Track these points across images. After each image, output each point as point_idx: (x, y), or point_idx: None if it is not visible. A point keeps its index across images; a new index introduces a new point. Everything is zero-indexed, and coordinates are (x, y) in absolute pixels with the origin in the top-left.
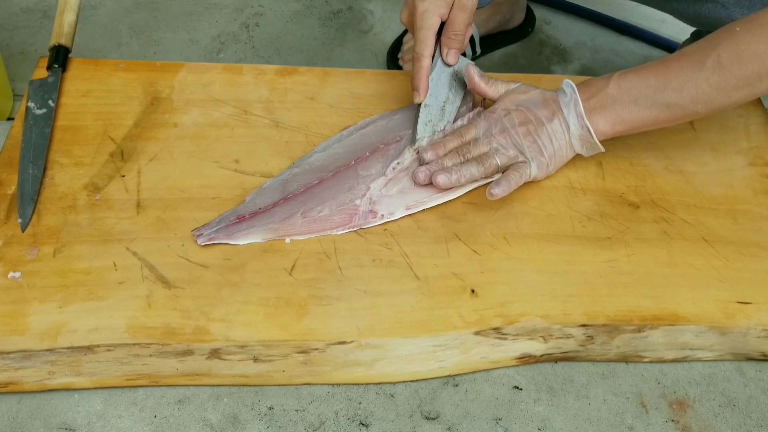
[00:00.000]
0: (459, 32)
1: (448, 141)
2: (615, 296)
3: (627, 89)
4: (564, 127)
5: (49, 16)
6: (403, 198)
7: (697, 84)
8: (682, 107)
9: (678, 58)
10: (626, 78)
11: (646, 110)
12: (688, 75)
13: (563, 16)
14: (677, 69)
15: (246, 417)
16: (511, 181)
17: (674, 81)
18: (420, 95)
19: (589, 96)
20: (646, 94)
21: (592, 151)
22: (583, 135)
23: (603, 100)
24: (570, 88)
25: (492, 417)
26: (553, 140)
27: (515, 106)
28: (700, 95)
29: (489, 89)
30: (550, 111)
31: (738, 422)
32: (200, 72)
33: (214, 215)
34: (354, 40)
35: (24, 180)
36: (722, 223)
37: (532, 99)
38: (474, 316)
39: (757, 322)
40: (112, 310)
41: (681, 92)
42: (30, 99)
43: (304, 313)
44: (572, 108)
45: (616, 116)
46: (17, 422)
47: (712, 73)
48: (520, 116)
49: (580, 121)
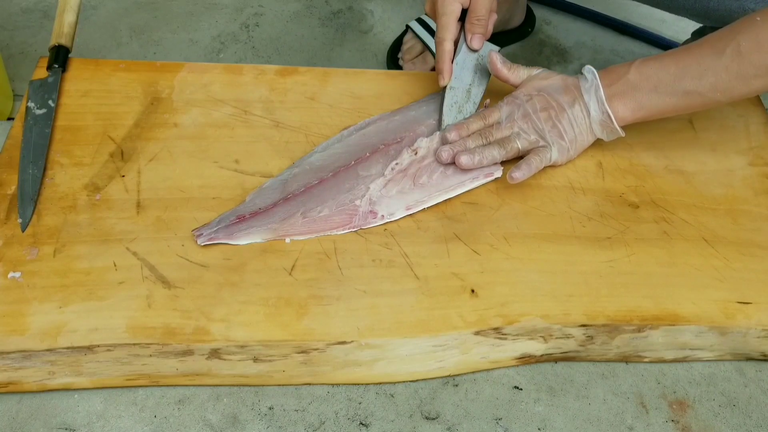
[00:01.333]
0: (481, 17)
1: (471, 122)
2: (615, 296)
3: (647, 76)
4: (584, 113)
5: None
6: (402, 198)
7: (717, 72)
8: (701, 95)
9: (698, 46)
10: (647, 65)
11: (666, 97)
12: (708, 63)
13: (563, 16)
14: (697, 57)
15: (246, 417)
16: (532, 164)
17: (694, 68)
18: (444, 78)
19: (610, 82)
20: (666, 81)
21: (613, 136)
22: (603, 120)
23: (623, 86)
24: (591, 74)
25: (492, 417)
26: (574, 125)
27: (537, 92)
28: (719, 83)
29: (511, 75)
30: (571, 97)
31: (738, 422)
32: (200, 72)
33: (214, 215)
34: (354, 40)
35: (24, 180)
36: (722, 223)
37: (553, 85)
38: (474, 316)
39: (757, 322)
40: (112, 310)
41: (700, 80)
42: (30, 99)
43: (304, 313)
44: (593, 93)
45: (636, 103)
46: (17, 422)
47: (731, 61)
48: (541, 102)
49: (601, 107)
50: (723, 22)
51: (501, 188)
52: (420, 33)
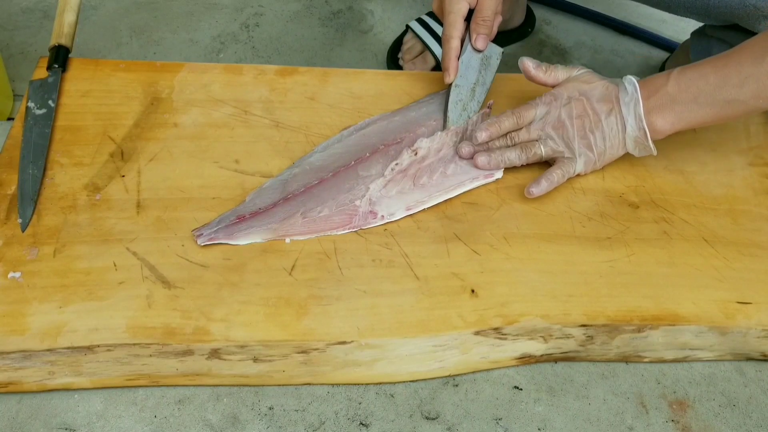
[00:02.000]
0: (487, 18)
1: (503, 120)
2: (615, 296)
3: (686, 87)
4: (620, 126)
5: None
6: (402, 198)
7: (758, 78)
8: (743, 103)
9: (737, 53)
10: (685, 75)
11: (707, 108)
12: (749, 70)
13: (563, 16)
14: (736, 64)
15: (246, 417)
16: (553, 180)
17: (734, 77)
18: (450, 75)
19: (649, 94)
20: (705, 92)
21: (644, 153)
22: (638, 137)
23: (662, 99)
24: (632, 86)
25: (492, 417)
26: (606, 139)
27: (577, 95)
28: (761, 90)
29: (547, 78)
30: (608, 107)
31: (738, 422)
32: (200, 72)
33: (214, 215)
34: (354, 40)
35: (24, 180)
36: (722, 223)
37: (593, 91)
38: (474, 316)
39: (757, 322)
40: (112, 310)
41: (741, 88)
42: (30, 99)
43: (304, 313)
44: (632, 108)
45: (675, 116)
46: (17, 422)
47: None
48: (579, 108)
49: (638, 123)
50: (724, 20)
51: (501, 188)
52: (420, 33)
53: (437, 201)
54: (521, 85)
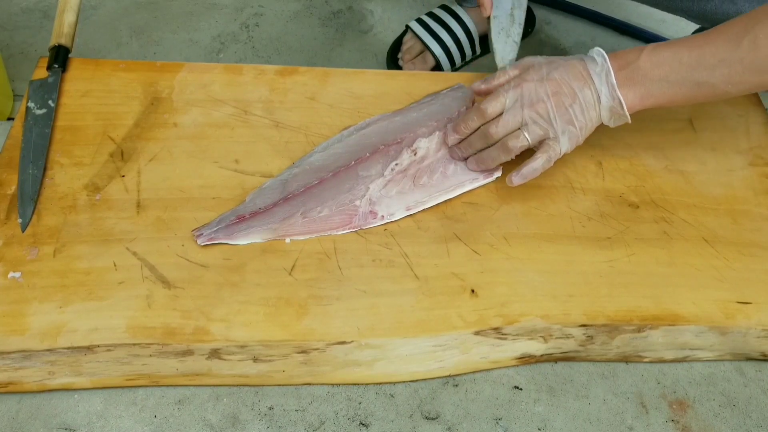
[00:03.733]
0: None
1: (469, 120)
2: (615, 296)
3: (658, 63)
4: (595, 98)
5: (49, 16)
6: (402, 198)
7: (731, 64)
8: (713, 86)
9: (713, 35)
10: (658, 52)
11: (677, 87)
12: (722, 54)
13: (563, 16)
14: (711, 47)
15: (246, 417)
16: (537, 167)
17: (708, 59)
18: (486, 9)
19: (620, 67)
20: (678, 71)
21: (619, 122)
22: (613, 107)
23: (633, 73)
24: (601, 57)
25: (492, 417)
26: (585, 112)
27: (546, 73)
28: (732, 75)
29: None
30: (581, 81)
31: (738, 422)
32: (200, 72)
33: (214, 215)
34: (354, 40)
35: (24, 180)
36: (722, 223)
37: (562, 68)
38: (474, 316)
39: (757, 322)
40: (112, 310)
41: (713, 71)
42: (30, 99)
43: (304, 313)
44: (604, 78)
45: (645, 90)
46: (17, 422)
47: (747, 53)
48: (552, 86)
49: (612, 92)
50: None
51: (501, 188)
52: (420, 33)
53: (437, 201)
54: None
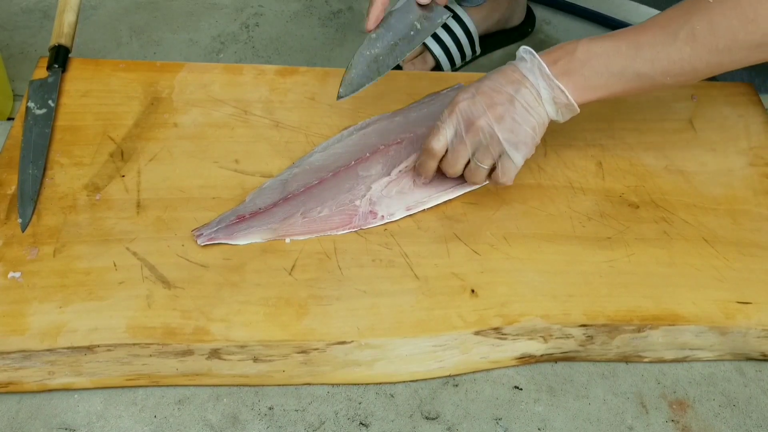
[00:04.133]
0: None
1: (425, 163)
2: (615, 296)
3: (596, 54)
4: (535, 94)
5: (49, 16)
6: (402, 198)
7: (670, 55)
8: (651, 78)
9: (649, 26)
10: (596, 43)
11: (616, 78)
12: (661, 46)
13: (563, 16)
14: (649, 38)
15: (246, 417)
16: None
17: (646, 51)
18: (369, 23)
19: (555, 59)
20: (616, 62)
21: (568, 114)
22: (556, 96)
23: (571, 64)
24: (529, 54)
25: (492, 417)
26: (530, 111)
27: (476, 90)
28: (670, 67)
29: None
30: (515, 83)
31: (738, 422)
32: (200, 72)
33: (214, 215)
34: (354, 40)
35: (24, 180)
36: (722, 223)
37: (491, 78)
38: (474, 316)
39: (757, 322)
40: (112, 310)
41: (653, 63)
42: (30, 99)
43: (304, 313)
44: (537, 72)
45: (585, 81)
46: (17, 422)
47: (684, 45)
48: (485, 100)
49: (550, 83)
50: None
51: (501, 188)
52: None
53: (437, 201)
54: None
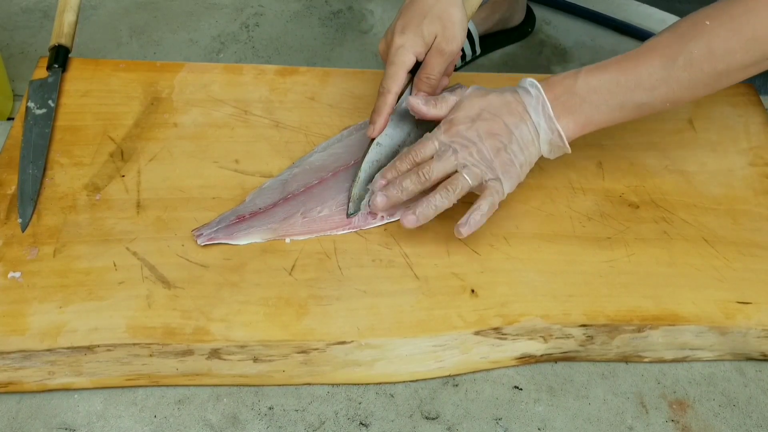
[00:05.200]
0: (432, 77)
1: (399, 164)
2: (615, 296)
3: (596, 89)
4: (533, 134)
5: (49, 16)
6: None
7: (669, 83)
8: (651, 107)
9: (646, 54)
10: (594, 76)
11: (616, 111)
12: (660, 74)
13: (563, 16)
14: (647, 67)
15: (246, 417)
16: (483, 211)
17: (645, 81)
18: (374, 130)
19: (555, 96)
20: (616, 95)
21: (559, 153)
22: (553, 139)
23: (571, 100)
24: (535, 89)
25: (492, 417)
26: (524, 149)
27: (477, 115)
28: (669, 94)
29: (439, 111)
30: (517, 117)
31: (738, 422)
32: (200, 72)
33: (214, 215)
34: (354, 40)
35: (24, 180)
36: (722, 223)
37: (494, 105)
38: (474, 316)
39: (757, 322)
40: (112, 310)
41: (652, 92)
42: (30, 99)
43: (304, 313)
44: (540, 111)
45: (585, 118)
46: (17, 422)
47: (683, 72)
48: (485, 127)
49: (550, 125)
50: None
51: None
52: None
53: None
54: None
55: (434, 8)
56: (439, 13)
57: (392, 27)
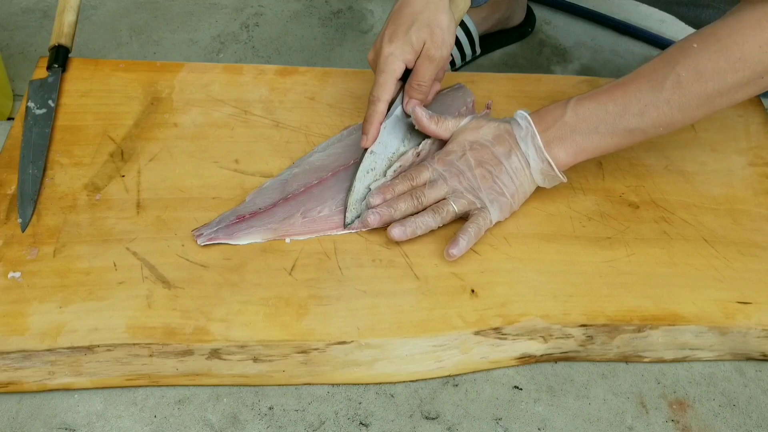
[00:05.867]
0: (423, 83)
1: (397, 184)
2: (615, 296)
3: (585, 117)
4: (523, 163)
5: (49, 16)
6: None
7: (658, 107)
8: (644, 131)
9: (635, 79)
10: (583, 105)
11: (608, 138)
12: (648, 98)
13: (563, 16)
14: (635, 92)
15: (246, 417)
16: (471, 235)
17: (634, 105)
18: (367, 140)
19: (546, 127)
20: (605, 121)
21: (554, 183)
22: (544, 169)
23: (561, 130)
24: (525, 121)
25: (492, 417)
26: (514, 178)
27: (469, 145)
28: (661, 118)
29: (439, 129)
30: (506, 147)
31: (738, 422)
32: (200, 72)
33: (214, 215)
34: (354, 40)
35: (24, 180)
36: (722, 223)
37: (485, 136)
38: (474, 316)
39: (757, 322)
40: (112, 310)
41: (642, 117)
42: (30, 99)
43: (304, 313)
44: (530, 142)
45: (576, 146)
46: (17, 422)
47: (672, 94)
48: (475, 156)
49: (540, 155)
50: None
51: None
52: None
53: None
54: (521, 85)
55: (422, 15)
56: (426, 20)
57: (381, 36)
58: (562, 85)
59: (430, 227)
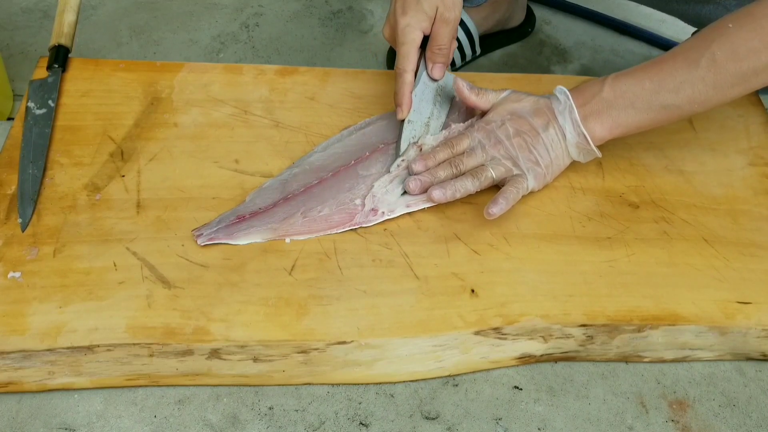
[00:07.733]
0: (443, 46)
1: (438, 152)
2: (615, 296)
3: (622, 93)
4: (560, 136)
5: (49, 16)
6: (404, 195)
7: (693, 84)
8: (679, 108)
9: (672, 57)
10: (620, 81)
11: (643, 113)
12: (684, 75)
13: (563, 16)
14: (671, 69)
15: (246, 417)
16: (509, 197)
17: (670, 82)
18: (403, 111)
19: (584, 102)
20: (642, 97)
21: (590, 157)
22: (579, 142)
23: (598, 105)
24: (564, 95)
25: (492, 417)
26: (550, 150)
27: (509, 116)
28: (696, 95)
29: (480, 100)
30: (544, 120)
31: (738, 422)
32: (200, 72)
33: (214, 215)
34: (354, 40)
35: (24, 180)
36: (722, 223)
37: (525, 108)
38: (474, 316)
39: (757, 322)
40: (112, 310)
41: (677, 93)
42: (30, 99)
43: (304, 313)
44: (567, 115)
45: (612, 121)
46: (17, 422)
47: (707, 72)
48: (514, 126)
49: (576, 129)
50: None
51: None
52: None
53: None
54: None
55: None
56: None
57: (392, 10)
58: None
59: (469, 191)
